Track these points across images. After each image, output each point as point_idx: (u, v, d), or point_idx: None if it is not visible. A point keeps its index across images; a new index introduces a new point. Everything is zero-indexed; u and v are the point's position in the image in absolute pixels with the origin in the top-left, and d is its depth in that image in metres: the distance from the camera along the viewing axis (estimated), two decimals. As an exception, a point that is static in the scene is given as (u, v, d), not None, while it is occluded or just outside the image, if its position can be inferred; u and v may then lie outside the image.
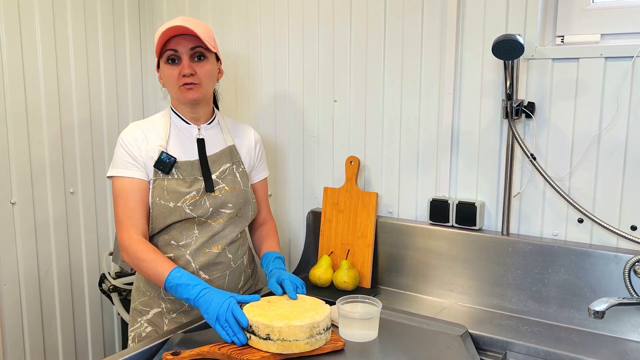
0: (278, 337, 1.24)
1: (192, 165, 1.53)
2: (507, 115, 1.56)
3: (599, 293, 1.46)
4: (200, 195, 1.52)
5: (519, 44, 1.43)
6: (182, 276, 1.37)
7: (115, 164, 1.51)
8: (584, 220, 1.54)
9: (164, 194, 1.49)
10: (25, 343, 2.06)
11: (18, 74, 1.96)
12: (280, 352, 1.25)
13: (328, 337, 1.32)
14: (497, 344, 1.42)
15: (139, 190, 1.49)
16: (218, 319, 1.29)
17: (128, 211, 1.47)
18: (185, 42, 1.47)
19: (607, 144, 1.49)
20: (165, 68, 1.50)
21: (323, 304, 1.38)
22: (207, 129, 1.60)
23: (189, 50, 1.48)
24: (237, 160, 1.62)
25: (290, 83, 2.02)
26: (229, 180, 1.57)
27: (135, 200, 1.48)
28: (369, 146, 1.88)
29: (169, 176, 1.50)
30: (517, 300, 1.58)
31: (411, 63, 1.76)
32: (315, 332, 1.27)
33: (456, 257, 1.68)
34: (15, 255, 2.00)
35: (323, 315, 1.30)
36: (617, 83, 1.46)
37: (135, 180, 1.49)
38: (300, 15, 1.96)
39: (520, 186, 1.63)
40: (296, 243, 2.10)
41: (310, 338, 1.26)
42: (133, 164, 1.49)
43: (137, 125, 1.55)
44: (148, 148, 1.51)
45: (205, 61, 1.51)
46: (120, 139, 1.52)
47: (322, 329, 1.29)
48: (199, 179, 1.53)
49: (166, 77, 1.51)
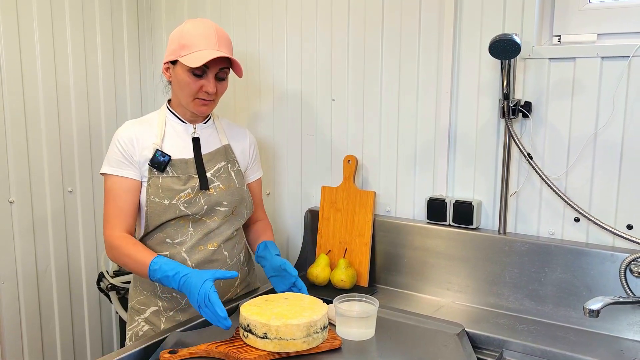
0: (275, 336, 1.25)
1: (186, 163, 1.54)
2: (504, 115, 1.57)
3: (595, 292, 1.47)
4: (195, 193, 1.52)
5: (516, 44, 1.44)
6: (160, 268, 1.37)
7: (109, 162, 1.51)
8: (580, 219, 1.55)
9: (159, 192, 1.50)
10: (23, 341, 2.06)
11: (16, 73, 1.96)
12: (278, 350, 1.26)
13: (325, 335, 1.32)
14: (494, 342, 1.43)
15: (130, 190, 1.50)
16: (199, 307, 1.30)
17: (115, 210, 1.49)
18: (218, 62, 1.48)
19: (604, 144, 1.50)
20: (186, 75, 1.48)
21: (320, 303, 1.38)
22: (203, 128, 1.61)
23: (218, 69, 1.49)
24: (232, 159, 1.62)
25: (288, 82, 2.02)
26: (224, 178, 1.58)
27: (124, 199, 1.49)
28: (367, 145, 1.88)
29: (163, 174, 1.51)
30: (513, 298, 1.58)
31: (409, 62, 1.76)
32: (312, 331, 1.28)
33: (453, 256, 1.68)
34: (14, 254, 2.01)
35: (320, 314, 1.30)
36: (613, 83, 1.46)
37: (127, 180, 1.50)
38: (298, 15, 1.97)
39: (517, 185, 1.63)
40: (294, 242, 2.10)
41: (307, 337, 1.27)
42: (126, 164, 1.50)
43: (133, 124, 1.56)
44: (143, 147, 1.51)
45: (226, 80, 1.54)
46: (115, 137, 1.53)
47: (319, 328, 1.29)
48: (193, 177, 1.53)
49: (184, 84, 1.50)
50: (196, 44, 1.46)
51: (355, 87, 1.88)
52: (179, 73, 1.50)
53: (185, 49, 1.47)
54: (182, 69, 1.48)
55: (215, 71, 1.49)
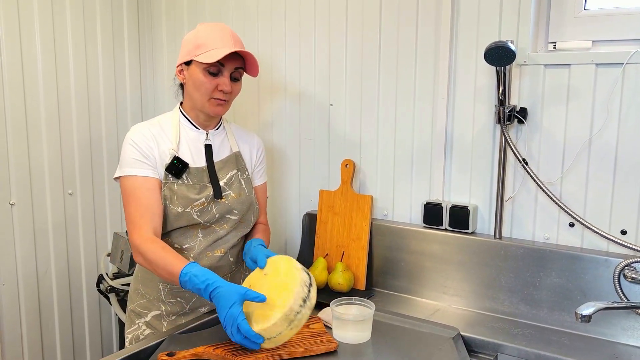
0: (264, 337, 1.26)
1: (201, 172, 1.53)
2: (500, 121, 1.58)
3: (590, 296, 1.48)
4: (209, 201, 1.52)
5: (511, 51, 1.45)
6: (189, 280, 1.32)
7: (125, 164, 1.47)
8: (575, 224, 1.56)
9: (174, 199, 1.49)
10: (23, 343, 2.07)
11: (17, 77, 1.97)
12: (274, 346, 1.27)
13: (311, 304, 1.28)
14: (489, 346, 1.44)
15: (152, 188, 1.46)
16: (231, 333, 1.26)
17: (141, 209, 1.43)
18: (233, 60, 1.49)
19: (598, 150, 1.51)
20: (202, 75, 1.48)
21: (295, 269, 1.33)
22: (215, 134, 1.60)
23: (233, 68, 1.50)
24: (242, 166, 1.62)
25: (287, 86, 2.04)
26: (235, 187, 1.58)
27: (148, 198, 1.45)
28: (364, 150, 1.90)
29: (179, 181, 1.50)
30: (509, 303, 1.60)
31: (406, 68, 1.78)
32: (293, 317, 1.25)
33: (449, 260, 1.70)
34: (14, 256, 2.02)
35: (292, 296, 1.26)
36: (607, 89, 1.48)
37: (149, 178, 1.47)
38: (297, 20, 1.98)
39: (512, 190, 1.65)
40: (292, 245, 2.12)
41: (290, 323, 1.25)
42: (145, 162, 1.47)
43: (144, 126, 1.53)
44: (160, 150, 1.50)
45: (240, 81, 1.55)
46: (128, 139, 1.49)
47: (298, 307, 1.26)
48: (207, 186, 1.53)
49: (199, 83, 1.49)
50: (211, 43, 1.47)
51: (353, 92, 1.90)
52: (193, 73, 1.50)
53: (201, 48, 1.47)
54: (198, 68, 1.48)
55: (231, 70, 1.50)
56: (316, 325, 1.46)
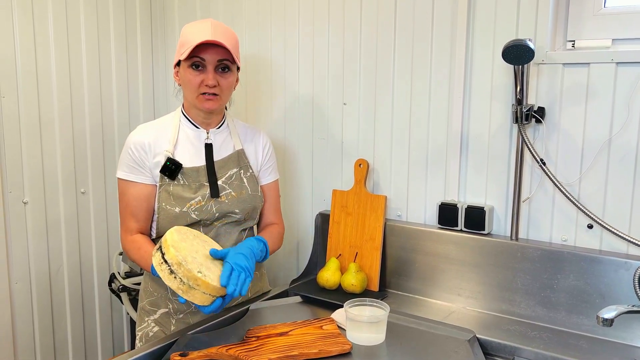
0: (181, 277, 1.25)
1: (197, 171, 1.54)
2: (517, 120, 1.56)
3: (608, 299, 1.45)
4: (206, 200, 1.53)
5: (530, 49, 1.43)
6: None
7: (121, 166, 1.54)
8: (593, 226, 1.54)
9: (170, 200, 1.51)
10: (35, 340, 2.08)
11: (31, 76, 1.98)
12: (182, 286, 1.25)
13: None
14: (505, 349, 1.42)
15: (141, 194, 1.52)
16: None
17: (128, 210, 1.53)
18: (214, 52, 1.47)
19: (618, 150, 1.48)
20: (188, 72, 1.49)
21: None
22: (216, 133, 1.60)
23: (216, 61, 1.48)
24: (244, 164, 1.62)
25: (300, 85, 2.03)
26: (236, 185, 1.58)
27: (134, 205, 1.52)
28: (378, 149, 1.88)
29: (174, 182, 1.52)
30: (525, 305, 1.57)
31: (421, 66, 1.76)
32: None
33: (465, 262, 1.67)
34: (27, 254, 2.03)
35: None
36: (628, 89, 1.45)
37: (138, 185, 1.52)
38: (310, 18, 1.97)
39: (529, 191, 1.62)
40: (304, 245, 2.10)
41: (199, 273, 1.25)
42: (137, 169, 1.52)
43: (146, 128, 1.56)
44: (156, 152, 1.52)
45: (229, 73, 1.52)
46: (128, 142, 1.53)
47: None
48: (204, 185, 1.53)
49: (187, 81, 1.51)
50: (192, 39, 1.46)
51: (366, 90, 1.88)
52: (182, 73, 1.51)
53: (184, 46, 1.48)
54: (184, 67, 1.50)
55: (214, 64, 1.48)
56: (329, 326, 1.45)
